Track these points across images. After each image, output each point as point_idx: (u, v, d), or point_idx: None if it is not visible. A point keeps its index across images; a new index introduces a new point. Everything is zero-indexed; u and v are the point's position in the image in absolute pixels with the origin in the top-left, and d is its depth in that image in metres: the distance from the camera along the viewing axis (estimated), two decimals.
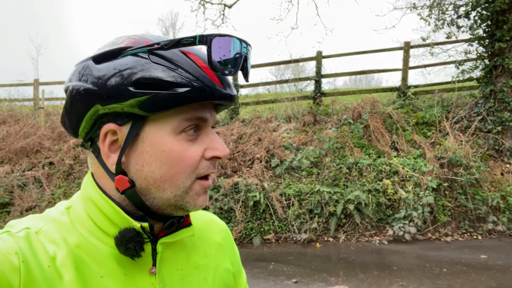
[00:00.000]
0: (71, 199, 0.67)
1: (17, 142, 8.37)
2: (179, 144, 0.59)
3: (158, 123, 0.58)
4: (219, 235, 0.78)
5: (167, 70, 0.56)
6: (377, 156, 6.86)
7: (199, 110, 0.60)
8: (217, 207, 6.28)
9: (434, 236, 5.85)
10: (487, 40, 7.30)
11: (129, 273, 0.60)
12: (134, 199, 0.60)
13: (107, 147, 0.60)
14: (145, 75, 0.56)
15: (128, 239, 0.58)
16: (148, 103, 0.56)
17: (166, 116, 0.58)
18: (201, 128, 0.62)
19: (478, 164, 6.44)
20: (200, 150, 0.61)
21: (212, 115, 0.63)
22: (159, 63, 0.57)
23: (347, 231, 6.03)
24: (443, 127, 7.30)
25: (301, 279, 4.48)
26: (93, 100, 0.58)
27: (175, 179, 0.59)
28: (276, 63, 11.32)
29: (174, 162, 0.59)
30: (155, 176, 0.59)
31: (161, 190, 0.60)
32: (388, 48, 9.19)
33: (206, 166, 0.62)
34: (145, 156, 0.59)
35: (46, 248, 0.56)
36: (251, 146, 7.42)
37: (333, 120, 7.86)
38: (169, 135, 0.59)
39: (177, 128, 0.59)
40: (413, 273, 4.56)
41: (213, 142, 0.62)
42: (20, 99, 11.19)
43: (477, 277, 4.41)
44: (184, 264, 0.68)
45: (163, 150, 0.58)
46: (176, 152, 0.59)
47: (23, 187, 7.40)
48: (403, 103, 8.19)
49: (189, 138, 0.60)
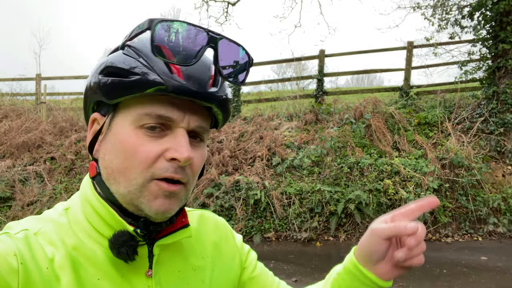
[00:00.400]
0: (70, 200, 0.67)
1: (19, 136, 8.38)
2: (136, 137, 0.57)
3: (123, 114, 0.59)
4: (214, 234, 0.77)
5: (129, 59, 0.57)
6: (378, 156, 6.85)
7: (165, 107, 0.57)
8: (218, 204, 6.29)
9: (434, 237, 5.85)
10: (491, 41, 7.27)
11: (126, 276, 0.60)
12: (102, 188, 0.61)
13: (91, 135, 0.64)
14: (112, 64, 0.58)
15: (121, 243, 0.57)
16: (105, 88, 0.58)
17: (130, 107, 0.58)
18: (171, 128, 0.58)
19: (479, 165, 6.43)
20: (159, 148, 0.57)
21: (187, 117, 0.58)
22: (127, 54, 0.59)
23: (348, 231, 6.03)
24: (445, 127, 7.28)
25: (301, 278, 4.49)
26: (88, 91, 0.63)
27: (128, 173, 0.57)
28: (278, 61, 11.30)
29: (127, 154, 0.57)
30: (113, 166, 0.59)
31: (117, 183, 0.59)
32: (391, 47, 9.17)
33: (164, 167, 0.57)
34: (108, 145, 0.60)
35: (44, 249, 0.56)
36: (253, 144, 7.42)
37: (335, 119, 7.85)
38: (129, 126, 0.58)
39: (136, 121, 0.58)
40: (413, 273, 4.56)
41: (176, 144, 0.57)
42: (22, 94, 11.19)
43: (477, 278, 4.41)
44: (181, 266, 0.67)
45: (120, 141, 0.58)
46: (130, 145, 0.57)
47: (25, 182, 7.42)
48: (405, 103, 8.17)
49: (149, 134, 0.57)
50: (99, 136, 0.63)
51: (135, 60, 0.57)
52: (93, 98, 0.62)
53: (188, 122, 0.59)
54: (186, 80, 0.56)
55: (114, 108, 0.60)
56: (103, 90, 0.59)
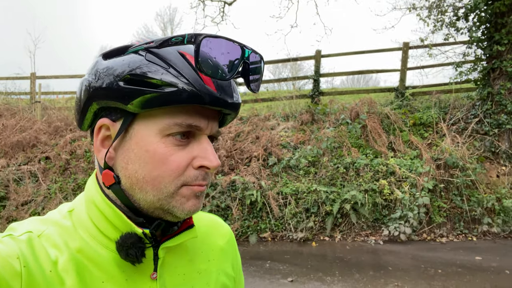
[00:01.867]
0: (74, 201, 0.66)
1: (13, 136, 8.31)
2: (164, 146, 0.57)
3: (147, 122, 0.58)
4: (222, 239, 0.77)
5: (158, 69, 0.56)
6: (374, 156, 6.88)
7: (193, 117, 0.57)
8: (213, 204, 6.28)
9: (429, 237, 5.88)
10: (486, 43, 7.33)
11: (130, 278, 0.60)
12: (121, 197, 0.60)
13: (100, 141, 0.61)
14: (135, 72, 0.56)
15: (129, 245, 0.57)
16: (129, 97, 0.56)
17: (156, 116, 0.57)
18: (195, 136, 0.59)
19: (474, 166, 6.48)
20: (188, 157, 0.58)
21: (210, 124, 0.60)
22: (152, 61, 0.56)
23: (343, 231, 6.05)
24: (440, 128, 7.33)
25: (297, 278, 4.49)
26: (92, 94, 0.59)
27: (158, 182, 0.57)
28: (274, 61, 11.31)
29: (157, 164, 0.57)
30: (138, 175, 0.58)
31: (144, 192, 0.58)
32: (386, 48, 9.21)
33: (194, 175, 0.58)
34: (130, 154, 0.58)
35: (48, 252, 0.56)
36: (249, 144, 7.42)
37: (331, 119, 7.87)
38: (156, 136, 0.57)
39: (165, 130, 0.57)
40: (408, 273, 4.58)
41: (204, 152, 0.58)
42: (16, 93, 11.11)
43: (472, 278, 4.44)
44: (186, 269, 0.67)
45: (147, 150, 0.57)
46: (159, 154, 0.57)
47: (19, 182, 7.36)
48: (401, 103, 8.21)
49: (177, 143, 0.57)
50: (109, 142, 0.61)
51: (165, 69, 0.55)
52: (103, 103, 0.59)
53: (211, 128, 0.60)
54: (219, 91, 0.57)
55: (133, 115, 0.58)
56: (126, 99, 0.56)
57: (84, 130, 0.65)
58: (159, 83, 0.55)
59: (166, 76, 0.55)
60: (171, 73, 0.55)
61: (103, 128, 0.60)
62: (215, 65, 0.55)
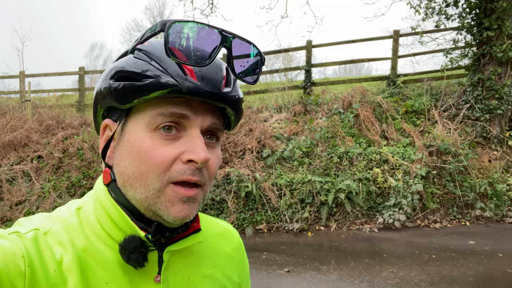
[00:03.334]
0: (83, 199, 0.66)
1: (4, 135, 8.22)
2: (151, 140, 0.56)
3: (136, 118, 0.58)
4: (230, 246, 0.76)
5: (141, 63, 0.57)
6: (367, 145, 6.91)
7: (177, 105, 0.56)
8: (208, 198, 6.29)
9: (423, 223, 5.95)
10: (475, 29, 7.35)
11: (134, 281, 0.59)
12: (117, 195, 0.60)
13: (103, 142, 0.63)
14: (123, 69, 0.58)
15: (131, 249, 0.57)
16: (117, 93, 0.57)
17: (142, 110, 0.58)
18: (186, 129, 0.58)
19: (466, 151, 6.54)
20: (176, 151, 0.56)
21: (201, 116, 0.58)
22: (138, 57, 0.58)
23: (338, 220, 6.10)
24: (432, 115, 7.37)
25: (294, 268, 4.53)
26: (96, 97, 0.63)
27: (145, 178, 0.56)
28: (266, 53, 11.25)
29: (142, 158, 0.56)
30: (128, 172, 0.58)
31: (134, 189, 0.58)
32: (377, 36, 9.21)
33: (181, 170, 0.56)
34: (122, 151, 0.59)
35: (53, 251, 0.56)
36: (242, 137, 7.42)
37: (323, 109, 7.88)
38: (143, 131, 0.57)
39: (151, 124, 0.57)
40: (403, 260, 4.64)
41: (192, 145, 0.56)
42: (5, 92, 10.97)
43: (465, 262, 4.51)
44: (191, 273, 0.66)
45: (135, 146, 0.57)
46: (145, 149, 0.56)
47: (12, 182, 7.31)
48: (393, 92, 8.24)
49: (165, 137, 0.56)
50: (111, 142, 0.62)
51: (147, 63, 0.56)
52: (104, 103, 0.61)
53: (203, 121, 0.58)
54: (200, 81, 0.55)
55: (126, 113, 0.59)
56: (115, 95, 0.58)
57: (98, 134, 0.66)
58: (140, 76, 0.56)
59: (147, 69, 0.56)
60: (152, 66, 0.56)
61: (107, 129, 0.63)
62: (187, 50, 0.53)
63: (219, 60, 0.61)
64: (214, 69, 0.58)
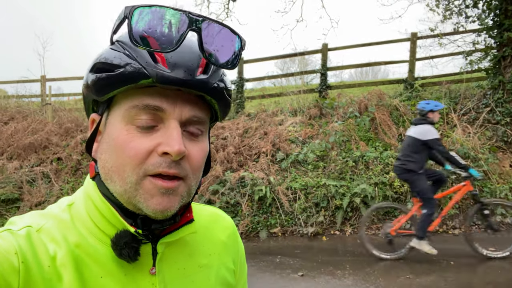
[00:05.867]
0: (73, 195, 0.66)
1: (25, 138, 8.44)
2: (126, 133, 0.55)
3: (115, 111, 0.58)
4: (224, 233, 0.76)
5: (114, 53, 0.56)
6: (383, 149, 6.81)
7: (151, 97, 0.55)
8: (223, 201, 6.30)
9: (441, 228, 5.81)
10: (496, 30, 7.18)
11: (129, 274, 0.59)
12: (103, 189, 0.60)
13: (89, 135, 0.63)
14: (98, 60, 0.57)
15: (122, 244, 0.57)
16: (94, 86, 0.57)
17: (120, 103, 0.57)
18: (163, 121, 0.56)
19: (486, 156, 6.38)
20: (151, 143, 0.55)
21: (179, 107, 0.56)
22: (114, 49, 0.57)
23: (354, 224, 6.02)
24: (451, 119, 7.22)
25: (308, 272, 4.49)
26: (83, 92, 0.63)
27: (122, 171, 0.55)
28: (281, 56, 11.27)
29: (118, 151, 0.56)
30: (108, 165, 0.57)
31: (113, 182, 0.57)
32: (395, 39, 9.08)
33: (157, 162, 0.54)
34: (103, 145, 0.59)
35: (47, 247, 0.55)
36: (257, 140, 7.42)
37: (339, 113, 7.81)
38: (120, 123, 0.56)
39: (126, 116, 0.56)
40: (420, 265, 4.54)
41: (167, 137, 0.54)
42: (27, 96, 11.27)
43: (485, 269, 4.38)
44: (186, 263, 0.66)
45: (112, 138, 0.57)
46: (121, 141, 0.55)
47: (32, 183, 7.49)
48: (410, 95, 8.11)
49: (140, 129, 0.55)
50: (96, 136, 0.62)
51: (121, 53, 0.55)
52: (88, 97, 0.62)
53: (181, 112, 0.56)
54: (171, 68, 0.53)
55: (107, 106, 0.59)
56: (93, 88, 0.58)
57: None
58: (113, 67, 0.55)
59: (118, 59, 0.55)
60: (125, 55, 0.55)
61: (94, 123, 0.62)
62: (155, 37, 0.52)
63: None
64: (188, 55, 0.55)
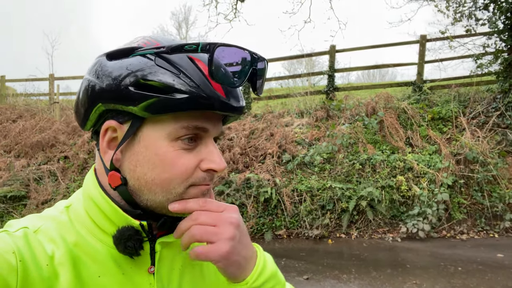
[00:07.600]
0: (71, 198, 0.68)
1: (33, 136, 8.51)
2: (173, 150, 0.58)
3: (155, 126, 0.58)
4: None
5: (169, 74, 0.56)
6: (391, 152, 6.76)
7: (199, 119, 0.59)
8: (228, 202, 6.29)
9: (449, 233, 5.74)
10: (506, 33, 7.09)
11: (127, 273, 0.60)
12: (125, 197, 0.61)
13: (106, 143, 0.61)
14: (147, 77, 0.56)
15: (127, 237, 0.58)
16: (140, 102, 0.56)
17: (164, 120, 0.58)
18: (202, 138, 0.60)
19: (495, 160, 6.29)
20: (196, 160, 0.60)
21: (216, 126, 0.61)
22: (163, 67, 0.56)
23: (360, 228, 5.97)
24: (460, 122, 7.14)
25: (313, 276, 4.45)
26: (98, 95, 0.58)
27: (167, 184, 0.59)
28: (288, 58, 11.22)
29: (166, 167, 0.58)
30: (147, 178, 0.59)
31: (153, 193, 0.59)
32: (403, 41, 9.02)
33: (202, 177, 0.60)
34: (139, 157, 0.59)
35: (44, 247, 0.56)
36: (263, 141, 7.39)
37: (346, 115, 7.76)
38: (165, 140, 0.58)
39: (173, 134, 0.58)
40: (427, 271, 4.49)
41: (211, 154, 0.60)
42: (35, 94, 11.37)
43: (493, 276, 4.31)
44: (182, 262, 0.68)
45: (156, 154, 0.58)
46: (169, 158, 0.58)
47: (39, 181, 7.54)
48: (419, 98, 8.04)
49: (185, 147, 0.59)
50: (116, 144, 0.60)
51: (176, 75, 0.56)
52: (111, 105, 0.58)
53: (216, 131, 0.62)
54: (227, 97, 0.58)
55: (141, 119, 0.58)
56: (137, 104, 0.55)
57: (87, 130, 0.66)
58: (171, 89, 0.55)
59: (177, 82, 0.55)
60: (181, 79, 0.55)
61: (109, 130, 0.60)
62: (227, 73, 0.57)
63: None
64: None
